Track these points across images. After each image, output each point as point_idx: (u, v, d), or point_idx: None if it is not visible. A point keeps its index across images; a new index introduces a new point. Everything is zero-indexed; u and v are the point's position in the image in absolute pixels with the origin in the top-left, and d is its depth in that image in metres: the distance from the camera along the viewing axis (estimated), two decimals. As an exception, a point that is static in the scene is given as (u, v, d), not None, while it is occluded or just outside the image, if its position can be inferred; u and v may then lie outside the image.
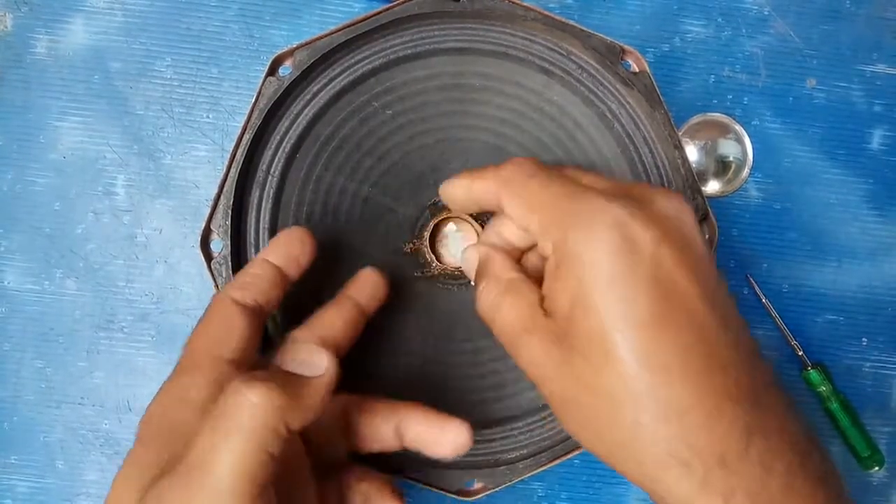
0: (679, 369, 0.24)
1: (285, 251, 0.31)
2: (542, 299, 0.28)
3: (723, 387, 0.24)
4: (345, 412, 0.31)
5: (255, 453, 0.23)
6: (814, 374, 0.46)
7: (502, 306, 0.29)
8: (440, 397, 0.37)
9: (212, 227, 0.35)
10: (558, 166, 0.30)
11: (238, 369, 0.27)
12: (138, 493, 0.24)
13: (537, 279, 0.29)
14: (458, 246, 0.39)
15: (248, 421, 0.23)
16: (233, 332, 0.28)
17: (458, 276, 0.38)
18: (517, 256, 0.31)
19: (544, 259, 0.28)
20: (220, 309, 0.29)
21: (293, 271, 0.31)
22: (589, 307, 0.25)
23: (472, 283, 0.32)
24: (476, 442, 0.36)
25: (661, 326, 0.24)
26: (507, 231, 0.31)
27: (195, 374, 0.27)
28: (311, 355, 0.27)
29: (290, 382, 0.25)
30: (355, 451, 0.31)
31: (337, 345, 0.31)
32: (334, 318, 0.32)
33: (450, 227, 0.38)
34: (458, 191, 0.30)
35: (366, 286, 0.34)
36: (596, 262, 0.25)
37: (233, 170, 0.34)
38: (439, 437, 0.30)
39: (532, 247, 0.31)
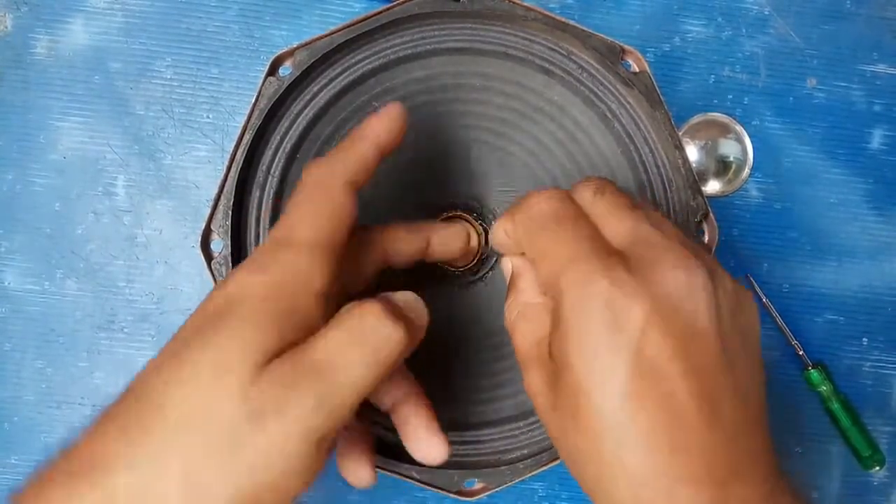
0: (642, 446, 0.25)
1: (388, 133, 0.30)
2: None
3: (685, 469, 0.25)
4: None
5: (377, 378, 0.25)
6: (814, 374, 0.46)
7: (518, 329, 0.30)
8: (439, 397, 0.37)
9: (212, 227, 0.35)
10: (590, 188, 0.29)
11: (339, 252, 0.28)
12: (253, 363, 0.24)
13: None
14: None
15: (385, 350, 0.26)
16: (345, 219, 0.28)
17: (458, 278, 0.38)
18: None
19: None
20: (333, 192, 0.28)
21: (387, 153, 0.31)
22: (571, 369, 0.26)
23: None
24: (477, 442, 0.36)
25: (633, 403, 0.25)
26: None
27: (313, 261, 0.27)
28: (420, 306, 0.30)
29: (410, 326, 0.27)
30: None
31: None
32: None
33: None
34: (498, 236, 0.31)
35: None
36: (582, 332, 0.26)
37: (233, 170, 0.34)
38: (418, 439, 0.30)
39: None
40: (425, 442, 0.30)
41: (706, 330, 0.25)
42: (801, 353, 0.46)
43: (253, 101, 0.34)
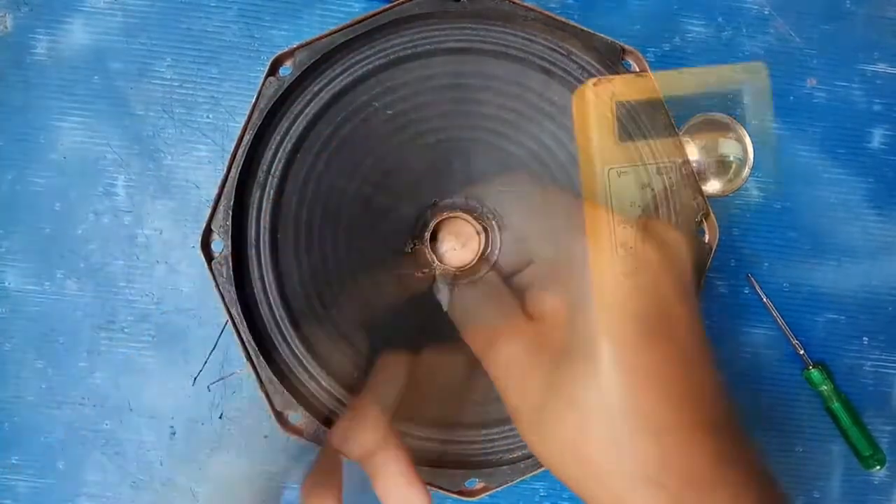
0: (662, 392, 0.25)
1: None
2: (524, 304, 0.30)
3: (699, 414, 0.25)
4: None
5: None
6: (815, 374, 0.46)
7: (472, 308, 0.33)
8: (439, 398, 0.37)
9: (212, 227, 0.35)
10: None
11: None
12: None
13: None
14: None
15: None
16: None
17: (458, 277, 0.38)
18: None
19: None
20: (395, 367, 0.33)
21: None
22: (584, 318, 0.26)
23: None
24: (477, 442, 0.36)
25: (650, 350, 0.25)
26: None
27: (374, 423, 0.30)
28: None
29: None
30: None
31: None
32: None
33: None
34: None
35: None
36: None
37: (233, 170, 0.34)
38: (398, 486, 0.30)
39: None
40: (405, 490, 0.29)
41: (689, 281, 0.28)
42: (801, 352, 0.46)
43: (253, 101, 0.34)
